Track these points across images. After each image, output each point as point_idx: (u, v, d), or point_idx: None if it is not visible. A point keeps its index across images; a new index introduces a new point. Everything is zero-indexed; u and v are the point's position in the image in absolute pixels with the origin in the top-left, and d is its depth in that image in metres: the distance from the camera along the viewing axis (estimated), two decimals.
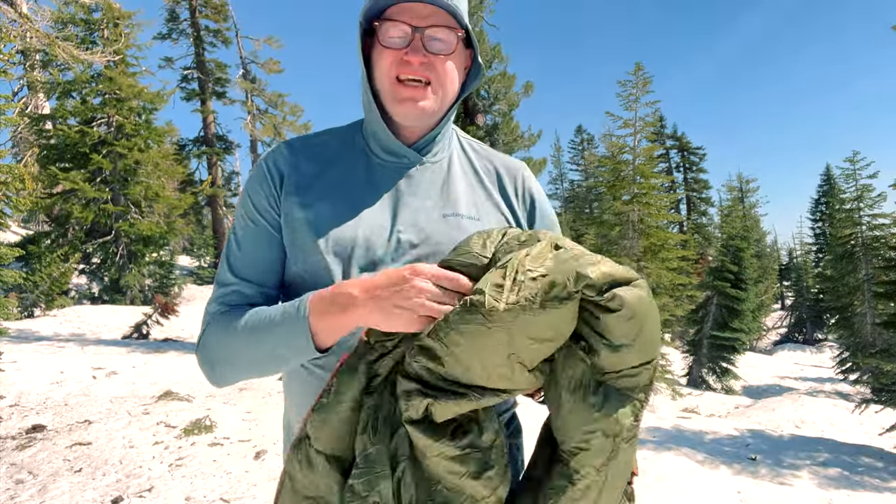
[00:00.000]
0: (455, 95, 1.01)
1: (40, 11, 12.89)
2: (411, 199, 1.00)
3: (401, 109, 0.96)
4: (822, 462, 6.66)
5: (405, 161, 1.02)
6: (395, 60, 0.93)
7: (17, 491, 3.47)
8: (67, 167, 13.93)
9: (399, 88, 0.94)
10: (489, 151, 1.14)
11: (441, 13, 0.93)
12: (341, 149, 1.04)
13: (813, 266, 29.30)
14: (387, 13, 0.93)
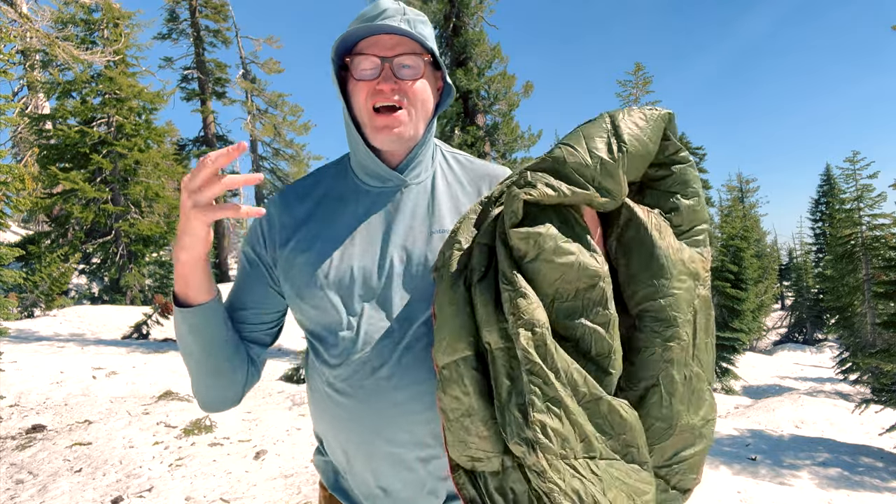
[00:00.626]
0: (429, 114, 1.07)
1: (40, 11, 12.91)
2: (399, 222, 1.05)
3: (380, 136, 1.02)
4: (822, 462, 6.66)
5: (391, 185, 1.07)
6: (369, 91, 1.00)
7: (17, 491, 3.47)
8: (67, 167, 13.93)
9: (376, 118, 1.00)
10: (474, 162, 1.17)
11: (406, 41, 0.99)
12: (331, 185, 1.11)
13: (813, 266, 29.28)
14: (356, 48, 1.01)
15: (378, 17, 1.00)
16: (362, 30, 0.98)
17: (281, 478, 3.71)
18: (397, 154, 1.07)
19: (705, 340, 0.92)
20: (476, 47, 10.69)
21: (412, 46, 1.00)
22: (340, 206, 1.07)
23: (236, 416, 4.96)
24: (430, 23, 1.07)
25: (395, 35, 0.99)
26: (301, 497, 3.43)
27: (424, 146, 1.08)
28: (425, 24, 1.04)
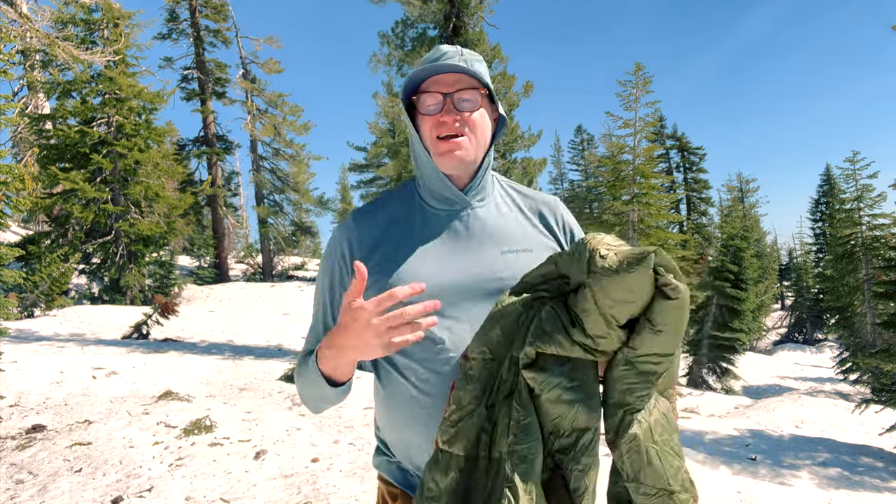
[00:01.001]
0: (487, 142, 1.20)
1: (40, 11, 12.91)
2: (470, 241, 1.17)
3: (444, 160, 1.14)
4: (822, 462, 6.66)
5: (457, 208, 1.19)
6: (434, 124, 1.14)
7: (17, 491, 3.47)
8: (67, 167, 13.93)
9: (440, 144, 1.14)
10: (528, 190, 1.32)
11: (465, 78, 1.13)
12: (397, 208, 1.23)
13: (813, 266, 29.29)
14: (422, 87, 1.15)
15: (439, 59, 1.14)
16: (426, 70, 1.13)
17: (281, 478, 3.71)
18: (461, 179, 1.19)
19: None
20: (476, 47, 10.69)
21: (470, 82, 1.13)
22: (409, 229, 1.19)
23: (236, 416, 4.97)
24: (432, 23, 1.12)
25: (455, 73, 1.13)
26: (301, 497, 3.43)
27: (485, 171, 1.21)
28: (480, 63, 1.18)
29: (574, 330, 1.00)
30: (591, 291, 0.97)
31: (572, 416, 0.99)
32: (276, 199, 22.41)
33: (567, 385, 0.99)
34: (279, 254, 22.49)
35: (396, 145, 12.78)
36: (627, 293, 0.96)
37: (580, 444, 1.00)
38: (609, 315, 0.97)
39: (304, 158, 22.35)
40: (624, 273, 0.94)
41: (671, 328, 0.97)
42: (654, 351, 0.99)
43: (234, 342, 10.05)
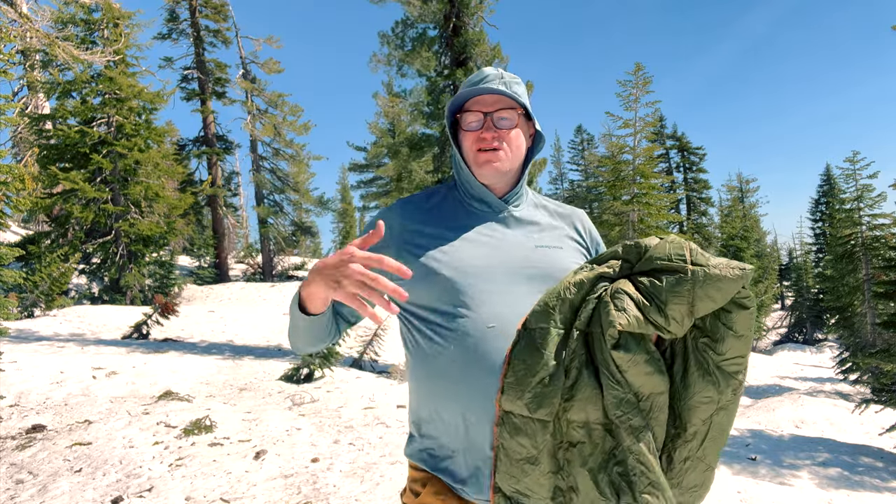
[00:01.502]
0: (523, 156, 1.33)
1: (40, 11, 12.91)
2: (509, 235, 1.29)
3: (482, 171, 1.28)
4: (822, 462, 6.66)
5: (496, 210, 1.32)
6: (475, 139, 1.27)
7: (17, 491, 3.47)
8: (67, 167, 13.93)
9: (479, 155, 1.27)
10: (557, 203, 1.45)
11: (503, 99, 1.27)
12: (443, 200, 1.35)
13: (813, 266, 29.27)
14: (465, 106, 1.29)
15: (481, 81, 1.28)
16: (469, 92, 1.27)
17: (281, 478, 3.71)
18: (498, 189, 1.32)
19: (716, 442, 1.19)
20: (476, 47, 10.69)
21: (508, 103, 1.27)
22: (454, 218, 1.30)
23: (236, 416, 4.96)
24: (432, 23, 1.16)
25: (495, 94, 1.26)
26: (301, 497, 3.43)
27: (523, 182, 1.34)
28: (519, 85, 1.31)
29: (650, 307, 1.11)
30: (690, 280, 1.09)
31: (651, 383, 1.12)
32: (276, 199, 22.41)
33: (646, 358, 1.11)
34: (279, 254, 22.49)
35: (396, 145, 12.78)
36: (719, 293, 1.09)
37: (656, 404, 1.13)
38: (696, 305, 1.09)
39: (304, 158, 22.34)
40: (726, 278, 1.08)
41: (749, 332, 1.13)
42: (738, 353, 1.13)
43: (234, 342, 10.05)
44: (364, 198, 25.77)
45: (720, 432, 1.18)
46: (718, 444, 1.19)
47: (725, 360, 1.14)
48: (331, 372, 7.13)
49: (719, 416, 1.17)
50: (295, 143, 22.04)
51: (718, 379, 1.14)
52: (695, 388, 1.15)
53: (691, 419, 1.16)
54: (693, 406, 1.16)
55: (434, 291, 1.22)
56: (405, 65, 10.93)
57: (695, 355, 1.17)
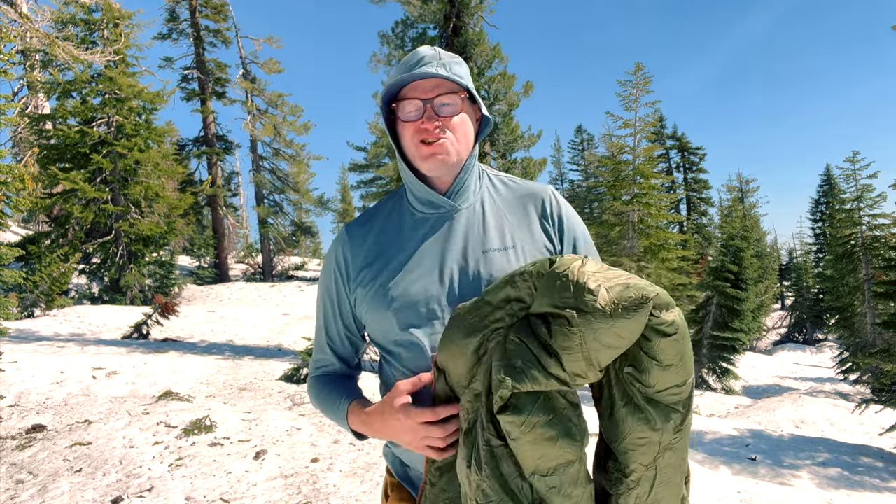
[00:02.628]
0: (470, 143, 1.21)
1: (40, 11, 12.91)
2: (454, 244, 1.18)
3: (427, 164, 1.16)
4: (822, 462, 6.66)
5: (443, 210, 1.21)
6: (415, 130, 1.14)
7: (17, 491, 3.47)
8: (67, 167, 13.93)
9: (423, 148, 1.14)
10: (518, 182, 1.30)
11: (444, 83, 1.14)
12: (389, 216, 1.25)
13: (813, 266, 29.26)
14: (400, 94, 1.16)
15: (417, 64, 1.15)
16: (405, 78, 1.13)
17: (281, 478, 3.71)
18: (445, 180, 1.20)
19: (668, 485, 1.00)
20: (476, 47, 10.69)
21: (449, 87, 1.14)
22: (399, 236, 1.21)
23: (236, 416, 4.96)
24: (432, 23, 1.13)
25: (433, 79, 1.13)
26: (301, 497, 3.43)
27: (469, 172, 1.21)
28: (460, 65, 1.18)
29: (551, 361, 0.92)
30: (577, 331, 0.90)
31: (556, 452, 0.93)
32: (276, 199, 22.41)
33: (546, 420, 0.93)
34: (279, 254, 22.49)
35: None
36: (618, 339, 0.90)
37: (567, 478, 0.95)
38: (593, 358, 0.91)
39: (304, 158, 22.34)
40: (619, 318, 0.88)
41: (679, 359, 0.93)
42: (672, 383, 0.94)
43: (234, 342, 10.05)
44: (364, 198, 25.69)
45: (673, 473, 0.99)
46: (674, 485, 1.00)
47: (659, 393, 0.94)
48: None
49: (666, 458, 0.97)
50: (295, 143, 22.04)
51: (652, 415, 0.95)
52: (624, 426, 0.97)
53: (629, 464, 0.97)
54: (629, 449, 0.97)
55: (384, 326, 1.17)
56: None
57: (618, 388, 0.97)
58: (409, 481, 1.24)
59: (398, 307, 1.14)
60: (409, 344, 1.14)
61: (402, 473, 1.25)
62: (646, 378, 0.93)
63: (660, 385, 0.94)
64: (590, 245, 1.27)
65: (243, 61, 21.91)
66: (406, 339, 1.14)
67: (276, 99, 21.58)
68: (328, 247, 1.33)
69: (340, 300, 1.25)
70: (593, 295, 0.89)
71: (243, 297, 16.62)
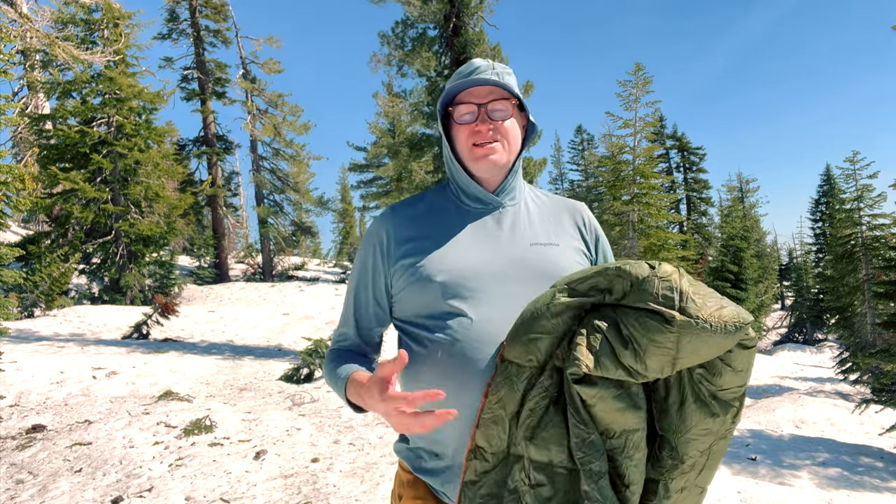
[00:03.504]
0: (518, 147, 1.30)
1: (40, 11, 12.91)
2: (501, 233, 1.26)
3: (479, 164, 1.24)
4: (822, 462, 6.66)
5: (490, 207, 1.28)
6: (469, 132, 1.23)
7: (17, 491, 3.47)
8: (67, 167, 13.92)
9: (476, 150, 1.23)
10: (555, 196, 1.41)
11: (496, 90, 1.23)
12: (435, 202, 1.32)
13: (813, 266, 29.26)
14: (456, 98, 1.26)
15: (472, 73, 1.25)
16: (461, 84, 1.23)
17: (281, 478, 3.71)
18: (492, 182, 1.28)
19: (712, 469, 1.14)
20: (476, 47, 10.68)
21: (501, 93, 1.23)
22: (446, 221, 1.27)
23: (236, 416, 4.96)
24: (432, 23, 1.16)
25: (487, 85, 1.22)
26: (301, 497, 3.43)
27: (516, 174, 1.30)
28: (510, 76, 1.27)
29: (625, 352, 1.01)
30: (676, 331, 0.98)
31: (623, 420, 1.04)
32: (276, 199, 22.40)
33: (616, 394, 1.03)
34: (279, 254, 22.48)
35: (396, 145, 12.77)
36: (709, 350, 1.00)
37: (631, 442, 1.06)
38: (679, 359, 1.00)
39: (304, 158, 22.33)
40: (719, 333, 0.97)
41: (749, 366, 1.06)
42: (737, 384, 1.06)
43: (234, 342, 10.05)
44: (364, 198, 25.74)
45: (717, 459, 1.13)
46: (714, 469, 1.14)
47: (723, 391, 1.07)
48: None
49: (718, 446, 1.11)
50: (295, 143, 22.04)
51: (716, 408, 1.07)
52: (692, 420, 1.08)
53: (689, 451, 1.09)
54: (691, 439, 1.09)
55: (426, 298, 1.20)
56: (405, 65, 10.93)
57: (691, 387, 1.08)
58: (427, 474, 1.22)
59: (446, 279, 1.19)
60: (454, 315, 1.17)
61: (419, 467, 1.24)
62: (717, 380, 1.05)
63: (728, 385, 1.05)
64: (611, 260, 1.35)
65: (243, 61, 21.91)
66: (451, 310, 1.18)
67: (276, 99, 21.58)
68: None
69: (376, 272, 1.28)
70: (696, 305, 0.98)
71: (243, 297, 16.62)
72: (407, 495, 1.25)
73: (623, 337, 1.02)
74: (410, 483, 1.25)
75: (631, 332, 1.01)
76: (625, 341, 1.01)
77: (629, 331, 1.01)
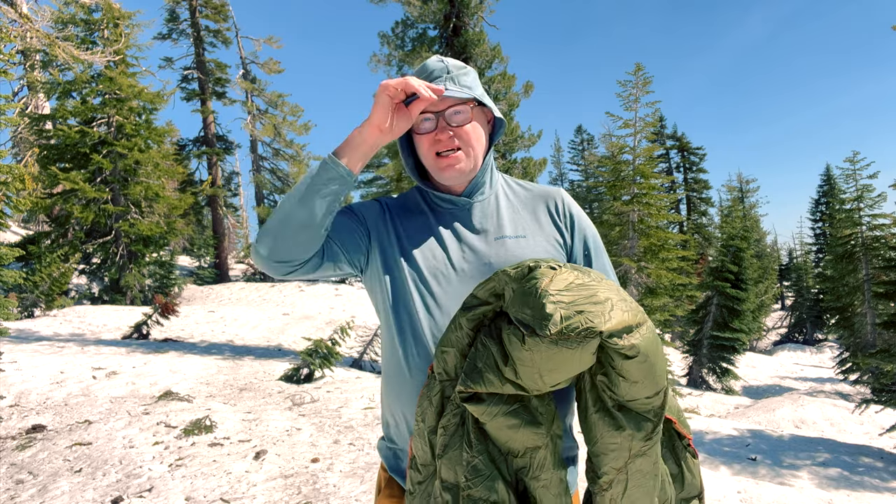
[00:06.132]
0: (483, 148, 1.28)
1: (40, 11, 12.89)
2: (469, 228, 1.27)
3: (445, 174, 1.23)
4: (822, 462, 6.66)
5: (461, 204, 1.29)
6: (430, 142, 1.21)
7: (17, 491, 3.47)
8: (67, 167, 13.93)
9: (439, 160, 1.22)
10: (530, 185, 1.39)
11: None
12: (411, 204, 1.33)
13: (813, 266, 29.29)
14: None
15: (426, 80, 1.22)
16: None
17: (281, 478, 3.71)
18: (462, 185, 1.28)
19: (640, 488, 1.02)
20: (476, 47, 10.69)
21: (457, 98, 1.20)
22: (422, 217, 1.30)
23: (236, 417, 4.97)
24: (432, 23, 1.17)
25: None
26: (301, 497, 3.43)
27: (485, 171, 1.29)
28: (467, 75, 1.25)
29: (507, 369, 0.95)
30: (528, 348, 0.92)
31: (519, 437, 0.99)
32: (276, 200, 22.40)
33: (508, 410, 0.98)
34: None
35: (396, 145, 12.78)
36: (565, 364, 0.92)
37: (536, 461, 1.01)
38: (544, 376, 0.94)
39: (305, 158, 22.34)
40: (563, 347, 0.90)
41: (646, 376, 0.94)
42: (642, 395, 0.96)
43: (234, 342, 10.05)
44: (364, 198, 25.75)
45: (644, 477, 1.01)
46: (648, 489, 1.02)
47: (631, 402, 0.97)
48: (331, 372, 7.13)
49: (637, 464, 0.99)
50: (295, 144, 22.04)
51: (623, 422, 0.97)
52: (597, 431, 1.00)
53: (602, 466, 1.01)
54: (600, 453, 1.00)
55: (393, 292, 1.23)
56: (405, 65, 10.93)
57: (592, 393, 1.00)
58: (401, 474, 1.24)
59: (404, 277, 1.22)
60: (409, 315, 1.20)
61: (394, 466, 1.26)
62: (616, 389, 0.97)
63: (630, 396, 0.96)
64: (598, 245, 1.34)
65: (243, 61, 21.91)
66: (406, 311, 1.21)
67: (276, 99, 21.58)
68: None
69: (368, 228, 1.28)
70: (546, 320, 0.90)
71: (243, 297, 16.62)
72: (383, 493, 1.27)
73: (504, 352, 0.97)
74: (387, 481, 1.28)
75: (507, 347, 0.96)
76: (505, 356, 0.96)
77: (508, 346, 0.96)
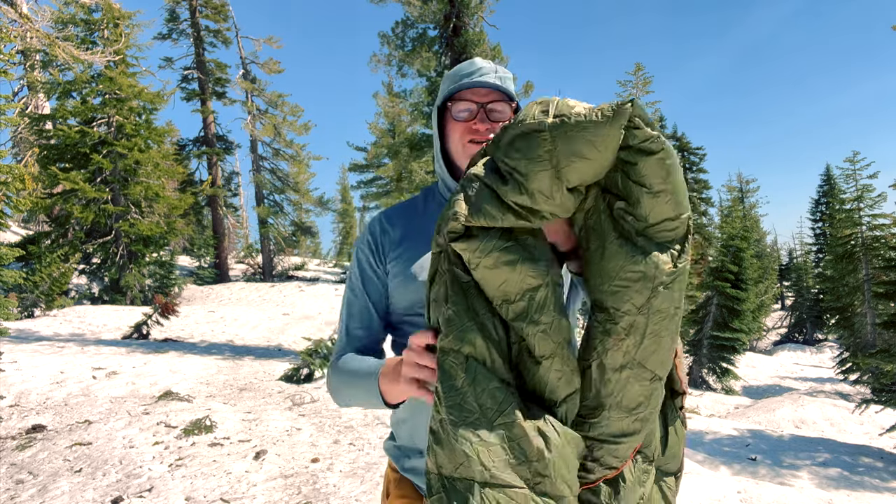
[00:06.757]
0: None
1: (40, 11, 12.89)
2: None
3: None
4: (822, 462, 6.66)
5: None
6: (465, 129, 1.23)
7: (17, 491, 3.47)
8: (67, 167, 13.93)
9: (470, 146, 1.22)
10: None
11: (496, 93, 1.25)
12: (426, 203, 1.33)
13: (813, 266, 29.27)
14: (456, 96, 1.25)
15: (475, 73, 1.26)
16: (465, 84, 1.24)
17: (281, 478, 3.71)
18: None
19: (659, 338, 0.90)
20: (476, 47, 10.68)
21: (501, 96, 1.25)
22: (431, 223, 1.25)
23: (236, 417, 4.96)
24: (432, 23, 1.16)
25: (488, 88, 1.24)
26: (301, 497, 3.43)
27: None
28: (510, 79, 1.29)
29: (506, 189, 0.86)
30: (548, 136, 0.83)
31: (518, 277, 0.87)
32: (276, 199, 22.41)
33: (503, 245, 0.87)
34: (279, 254, 22.48)
35: (396, 145, 12.77)
36: (592, 149, 0.82)
37: (534, 303, 0.88)
38: (562, 170, 0.84)
39: (304, 158, 22.34)
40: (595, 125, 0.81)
41: (668, 184, 0.86)
42: (665, 216, 0.87)
43: (234, 342, 10.05)
44: (364, 198, 25.71)
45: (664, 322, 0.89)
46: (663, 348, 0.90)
47: (651, 227, 0.88)
48: None
49: (659, 300, 0.88)
50: (295, 144, 22.04)
51: (647, 247, 0.88)
52: (617, 261, 0.88)
53: (621, 305, 0.88)
54: (621, 287, 0.88)
55: (411, 297, 1.22)
56: (405, 65, 10.93)
57: (614, 225, 0.90)
58: (413, 472, 1.21)
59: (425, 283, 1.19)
60: None
61: (403, 465, 1.24)
62: (637, 210, 0.87)
63: (653, 217, 0.87)
64: None
65: (243, 61, 21.91)
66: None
67: (276, 99, 21.58)
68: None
69: (374, 269, 1.28)
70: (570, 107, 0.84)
71: (243, 297, 16.62)
72: (394, 494, 1.25)
73: (502, 174, 0.88)
74: (397, 481, 1.26)
75: (507, 164, 0.87)
76: (504, 178, 0.87)
77: (506, 164, 0.87)
